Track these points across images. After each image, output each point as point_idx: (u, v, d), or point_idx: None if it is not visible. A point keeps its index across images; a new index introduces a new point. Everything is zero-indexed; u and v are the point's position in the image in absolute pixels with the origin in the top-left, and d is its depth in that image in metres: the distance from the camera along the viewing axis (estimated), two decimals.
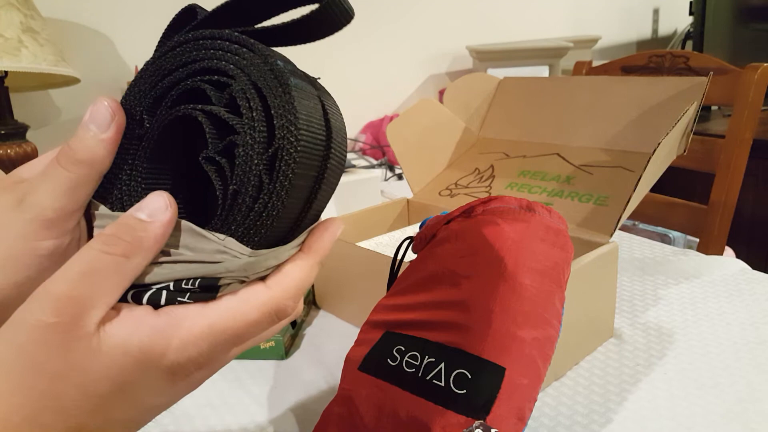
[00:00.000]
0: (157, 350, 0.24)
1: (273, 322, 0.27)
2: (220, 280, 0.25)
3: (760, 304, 0.64)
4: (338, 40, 1.58)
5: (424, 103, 0.83)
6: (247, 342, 0.27)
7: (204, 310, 0.25)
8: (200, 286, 0.25)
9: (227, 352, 0.27)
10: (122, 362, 0.24)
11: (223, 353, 0.26)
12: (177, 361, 0.25)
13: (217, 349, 0.26)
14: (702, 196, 1.12)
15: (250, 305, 0.26)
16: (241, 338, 0.26)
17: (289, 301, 0.27)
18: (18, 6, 0.99)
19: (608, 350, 0.58)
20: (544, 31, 1.99)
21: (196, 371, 0.26)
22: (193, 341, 0.25)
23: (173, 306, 0.25)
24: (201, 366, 0.26)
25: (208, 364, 0.26)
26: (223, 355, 0.26)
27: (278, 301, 0.26)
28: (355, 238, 0.73)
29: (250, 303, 0.26)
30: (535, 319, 0.42)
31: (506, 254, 0.44)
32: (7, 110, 1.07)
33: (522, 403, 0.39)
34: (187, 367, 0.25)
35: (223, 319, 0.25)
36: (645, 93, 0.72)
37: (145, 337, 0.24)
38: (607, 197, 0.66)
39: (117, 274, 0.24)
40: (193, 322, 0.25)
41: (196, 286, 0.25)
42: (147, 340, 0.24)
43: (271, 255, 0.26)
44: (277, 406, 0.52)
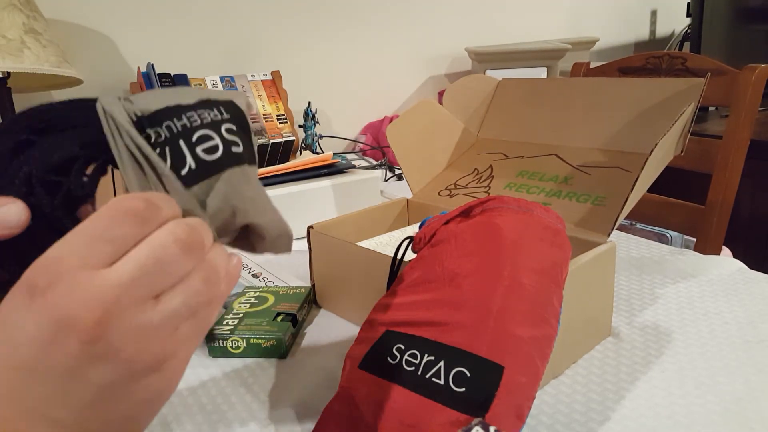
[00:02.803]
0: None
1: (134, 223, 0.26)
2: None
3: (758, 303, 0.65)
4: (339, 42, 1.58)
5: (423, 104, 0.84)
6: (156, 279, 0.26)
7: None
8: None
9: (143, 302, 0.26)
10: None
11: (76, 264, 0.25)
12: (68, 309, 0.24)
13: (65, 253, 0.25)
14: (699, 197, 1.13)
15: (96, 214, 0.27)
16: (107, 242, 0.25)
17: (134, 199, 0.27)
18: (20, 7, 0.99)
19: (606, 349, 0.58)
20: (543, 33, 2.00)
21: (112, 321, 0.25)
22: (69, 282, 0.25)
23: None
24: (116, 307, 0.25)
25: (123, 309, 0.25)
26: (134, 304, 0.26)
27: (117, 200, 0.27)
28: (355, 238, 0.73)
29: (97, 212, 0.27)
30: (534, 318, 0.42)
31: (505, 254, 0.44)
32: (10, 111, 1.07)
33: (520, 401, 0.39)
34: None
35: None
36: (643, 94, 0.73)
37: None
38: (605, 197, 0.67)
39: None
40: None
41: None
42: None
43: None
44: (278, 404, 0.52)
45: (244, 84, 1.31)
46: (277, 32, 1.49)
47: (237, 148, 0.33)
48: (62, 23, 1.23)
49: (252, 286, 0.71)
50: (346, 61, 1.61)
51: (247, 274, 0.80)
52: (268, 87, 1.34)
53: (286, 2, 1.49)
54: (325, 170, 0.99)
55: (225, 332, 0.60)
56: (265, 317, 0.62)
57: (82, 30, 1.25)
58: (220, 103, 0.34)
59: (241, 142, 0.34)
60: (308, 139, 1.40)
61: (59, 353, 0.24)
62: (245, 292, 0.69)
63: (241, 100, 0.36)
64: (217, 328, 0.61)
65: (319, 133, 1.42)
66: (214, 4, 1.39)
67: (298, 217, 0.91)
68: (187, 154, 0.32)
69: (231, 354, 0.60)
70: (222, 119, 0.33)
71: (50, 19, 1.18)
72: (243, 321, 0.62)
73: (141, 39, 1.32)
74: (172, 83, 1.23)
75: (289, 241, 0.36)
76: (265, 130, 1.28)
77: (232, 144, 0.33)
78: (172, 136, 0.32)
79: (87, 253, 0.25)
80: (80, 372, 0.25)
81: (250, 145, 0.35)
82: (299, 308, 0.65)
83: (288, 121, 1.32)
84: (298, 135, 1.34)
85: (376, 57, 1.66)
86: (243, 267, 0.82)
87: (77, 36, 1.25)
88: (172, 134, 0.32)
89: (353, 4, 1.59)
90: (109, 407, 0.26)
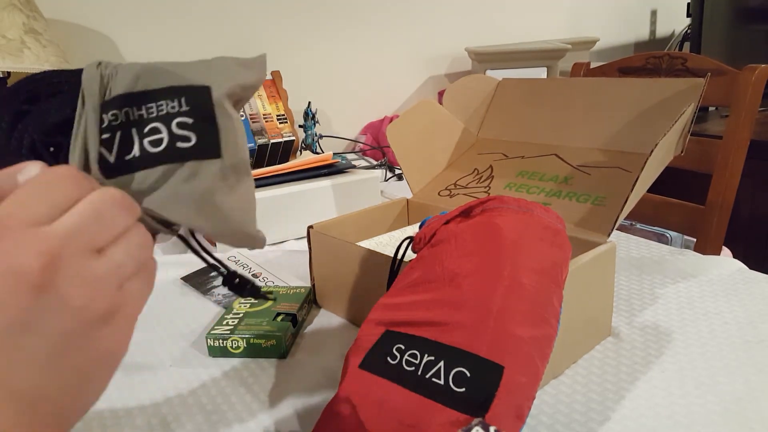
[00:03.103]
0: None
1: (72, 184, 0.28)
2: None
3: (758, 303, 0.65)
4: (339, 42, 1.58)
5: (423, 104, 0.84)
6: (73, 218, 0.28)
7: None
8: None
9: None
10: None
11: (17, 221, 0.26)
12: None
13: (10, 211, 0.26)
14: (699, 197, 1.13)
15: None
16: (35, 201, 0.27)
17: (71, 167, 0.29)
18: (20, 7, 0.99)
19: (606, 349, 0.58)
20: (543, 33, 2.00)
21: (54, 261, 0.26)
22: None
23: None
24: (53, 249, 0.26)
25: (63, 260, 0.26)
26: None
27: (57, 167, 0.28)
28: (355, 237, 0.73)
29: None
30: (534, 318, 0.42)
31: (505, 254, 0.44)
32: None
33: (520, 401, 0.39)
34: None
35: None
36: (643, 94, 0.73)
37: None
38: (605, 197, 0.67)
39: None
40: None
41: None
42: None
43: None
44: (279, 404, 0.52)
45: None
46: (277, 32, 1.49)
47: (184, 143, 0.33)
48: (62, 23, 1.23)
49: None
50: (346, 61, 1.61)
51: (247, 274, 0.80)
52: (268, 87, 1.34)
53: (286, 2, 1.49)
54: (325, 170, 0.99)
55: (225, 332, 0.60)
56: (265, 317, 0.62)
57: (82, 30, 1.25)
58: (186, 91, 0.33)
59: (196, 135, 0.33)
60: (308, 139, 1.40)
61: (9, 307, 0.25)
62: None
63: (242, 75, 0.35)
64: (217, 328, 0.61)
65: (319, 133, 1.42)
66: (214, 4, 1.39)
67: (298, 217, 0.91)
68: (136, 142, 0.32)
69: (231, 354, 0.60)
70: (178, 112, 0.33)
71: (50, 19, 1.18)
72: (243, 321, 0.62)
73: (141, 39, 1.32)
74: None
75: (246, 239, 0.35)
76: (265, 130, 1.28)
77: (179, 139, 0.33)
78: (128, 122, 0.32)
79: (29, 212, 0.27)
80: (32, 324, 0.25)
81: (211, 137, 0.33)
82: (299, 308, 0.65)
83: (288, 121, 1.32)
84: (298, 135, 1.34)
85: (376, 57, 1.66)
86: (243, 267, 0.82)
87: (77, 36, 1.25)
88: (128, 121, 0.32)
89: (353, 4, 1.59)
90: (64, 364, 0.26)
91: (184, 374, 0.58)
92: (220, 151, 0.33)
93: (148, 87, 0.33)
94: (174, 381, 0.57)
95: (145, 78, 0.33)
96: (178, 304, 0.73)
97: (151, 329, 0.67)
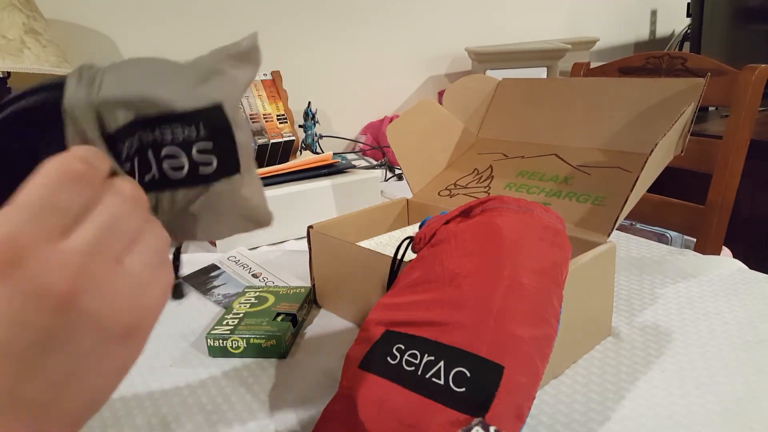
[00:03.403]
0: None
1: (79, 187, 0.26)
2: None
3: (758, 303, 0.65)
4: (339, 42, 1.58)
5: (423, 104, 0.84)
6: (88, 226, 0.26)
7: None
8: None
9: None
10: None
11: (34, 238, 0.25)
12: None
13: (20, 230, 0.25)
14: (699, 197, 1.13)
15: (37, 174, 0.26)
16: (56, 208, 0.25)
17: (68, 160, 0.27)
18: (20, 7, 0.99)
19: (606, 349, 0.58)
20: (543, 33, 2.00)
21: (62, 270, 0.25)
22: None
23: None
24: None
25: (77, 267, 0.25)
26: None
27: (56, 164, 0.26)
28: (355, 237, 0.73)
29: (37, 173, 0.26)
30: (534, 318, 0.42)
31: (505, 254, 0.44)
32: None
33: (520, 401, 0.39)
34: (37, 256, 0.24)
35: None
36: (643, 94, 0.73)
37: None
38: (605, 197, 0.67)
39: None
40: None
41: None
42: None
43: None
44: (278, 404, 0.52)
45: None
46: (277, 32, 1.49)
47: (207, 168, 0.32)
48: (62, 23, 1.23)
49: (252, 286, 0.71)
50: (346, 61, 1.61)
51: (247, 274, 0.80)
52: (268, 87, 1.34)
53: (286, 2, 1.49)
54: (325, 170, 0.99)
55: (225, 332, 0.60)
56: (265, 317, 0.62)
57: (82, 30, 1.25)
58: (202, 115, 0.32)
59: (217, 159, 0.32)
60: (308, 139, 1.40)
61: (33, 327, 0.24)
62: (245, 292, 0.69)
63: (243, 74, 0.34)
64: (217, 328, 0.61)
65: (319, 133, 1.42)
66: (214, 4, 1.39)
67: (298, 217, 0.91)
68: (153, 163, 0.32)
69: (231, 354, 0.60)
70: (196, 138, 0.32)
71: (50, 19, 1.18)
72: (243, 321, 0.62)
73: (141, 39, 1.32)
74: None
75: (265, 218, 0.36)
76: (265, 130, 1.28)
77: (200, 165, 0.32)
78: (142, 146, 0.31)
79: (43, 225, 0.25)
80: (55, 343, 0.25)
81: (233, 158, 0.33)
82: (299, 308, 0.65)
83: (288, 121, 1.32)
84: (298, 135, 1.34)
85: (376, 57, 1.66)
86: (243, 267, 0.82)
87: (77, 36, 1.25)
88: (142, 145, 0.31)
89: (353, 4, 1.59)
90: (82, 381, 0.26)
91: (184, 374, 0.58)
92: (240, 167, 0.33)
93: (159, 110, 0.31)
94: (174, 381, 0.57)
95: (149, 93, 0.31)
96: (178, 304, 0.73)
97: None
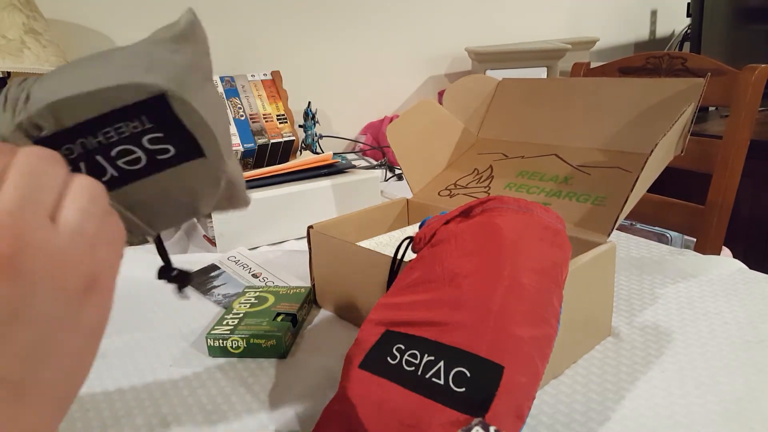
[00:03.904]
0: None
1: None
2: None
3: (758, 303, 0.65)
4: (339, 42, 1.58)
5: (423, 104, 0.84)
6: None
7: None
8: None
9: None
10: None
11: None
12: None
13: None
14: (699, 197, 1.13)
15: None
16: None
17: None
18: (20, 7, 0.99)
19: (606, 349, 0.58)
20: (543, 33, 2.00)
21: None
22: None
23: None
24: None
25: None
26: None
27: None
28: (355, 237, 0.73)
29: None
30: (534, 318, 0.42)
31: (505, 254, 0.44)
32: None
33: (520, 401, 0.39)
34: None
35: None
36: (643, 94, 0.73)
37: None
38: (605, 197, 0.67)
39: None
40: None
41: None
42: None
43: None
44: (278, 404, 0.52)
45: (244, 84, 1.31)
46: (277, 32, 1.49)
47: (164, 154, 0.32)
48: (62, 23, 1.23)
49: (252, 286, 0.71)
50: (346, 61, 1.61)
51: (247, 274, 0.80)
52: (268, 87, 1.34)
53: (286, 2, 1.49)
54: (325, 170, 0.99)
55: (225, 332, 0.60)
56: (265, 317, 0.62)
57: (82, 30, 1.25)
58: (142, 108, 0.30)
59: (173, 146, 0.32)
60: (308, 139, 1.40)
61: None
62: (245, 292, 0.69)
63: (181, 52, 0.32)
64: (217, 328, 0.61)
65: (319, 133, 1.42)
66: (214, 4, 1.39)
67: (298, 217, 0.91)
68: (107, 165, 0.31)
69: (231, 354, 0.60)
70: (143, 129, 0.31)
71: (50, 19, 1.18)
72: (243, 321, 0.62)
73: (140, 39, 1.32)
74: None
75: (242, 194, 0.36)
76: (265, 130, 1.28)
77: (157, 152, 0.32)
78: (87, 152, 0.30)
79: None
80: (17, 313, 0.24)
81: (189, 143, 0.32)
82: (299, 308, 0.65)
83: (288, 121, 1.32)
84: (298, 135, 1.34)
85: (376, 57, 1.67)
86: (243, 267, 0.82)
87: (77, 36, 1.25)
88: (87, 150, 0.30)
89: (353, 4, 1.59)
90: (53, 349, 0.25)
91: (184, 374, 0.58)
92: (202, 151, 0.33)
93: (94, 112, 0.30)
94: (174, 381, 0.57)
95: (82, 102, 0.30)
96: (178, 304, 0.73)
97: (151, 329, 0.67)
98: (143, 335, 0.65)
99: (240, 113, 1.27)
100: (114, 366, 0.60)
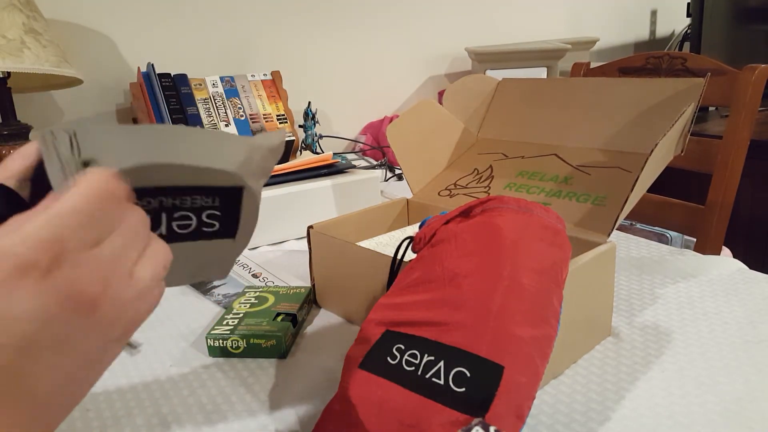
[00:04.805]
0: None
1: (116, 205, 0.28)
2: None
3: (758, 303, 0.65)
4: (339, 42, 1.58)
5: (423, 105, 0.84)
6: (102, 238, 0.28)
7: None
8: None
9: (83, 246, 0.27)
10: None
11: (75, 244, 0.26)
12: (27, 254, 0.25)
13: (65, 235, 0.26)
14: (699, 197, 1.13)
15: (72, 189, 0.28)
16: (82, 226, 0.27)
17: (107, 177, 0.28)
18: (20, 7, 0.99)
19: (606, 349, 0.58)
20: (543, 33, 2.00)
21: (62, 267, 0.26)
22: (34, 231, 0.26)
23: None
24: (58, 259, 0.26)
25: (68, 259, 0.26)
26: (78, 248, 0.27)
27: (97, 178, 0.28)
28: (355, 237, 0.73)
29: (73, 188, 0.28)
30: (534, 318, 0.42)
31: (505, 254, 0.44)
32: (10, 111, 1.07)
33: (520, 401, 0.39)
34: (43, 259, 0.25)
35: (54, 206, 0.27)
36: (643, 94, 0.73)
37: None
38: (605, 197, 0.67)
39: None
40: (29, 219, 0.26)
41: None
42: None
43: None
44: (278, 404, 0.52)
45: (244, 84, 1.31)
46: (277, 32, 1.49)
47: (209, 228, 0.36)
48: (62, 23, 1.23)
49: (252, 286, 0.71)
50: (346, 61, 1.61)
51: (247, 274, 0.80)
52: (268, 87, 1.34)
53: (286, 2, 1.49)
54: (325, 170, 0.99)
55: (225, 332, 0.60)
56: (265, 317, 0.62)
57: (82, 30, 1.25)
58: (221, 192, 0.35)
59: (220, 224, 0.36)
60: (308, 139, 1.40)
61: (57, 326, 0.26)
62: (245, 292, 0.69)
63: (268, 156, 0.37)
64: (217, 328, 0.61)
65: (319, 133, 1.42)
66: (214, 4, 1.39)
67: (298, 217, 0.91)
68: (164, 222, 0.34)
69: (231, 354, 0.60)
70: (209, 206, 0.35)
71: (50, 19, 1.18)
72: (243, 321, 0.62)
73: (141, 39, 1.32)
74: (171, 83, 1.23)
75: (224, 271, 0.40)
76: (265, 130, 1.28)
77: (205, 225, 0.36)
78: (160, 208, 0.34)
79: (85, 234, 0.27)
80: (69, 343, 0.26)
81: (233, 226, 0.37)
82: (299, 308, 0.65)
83: (288, 121, 1.32)
84: (298, 135, 1.34)
85: (376, 57, 1.67)
86: (243, 267, 0.82)
87: (77, 36, 1.25)
88: (162, 208, 0.34)
89: (353, 5, 1.59)
90: (80, 377, 0.28)
91: (184, 374, 0.58)
92: (235, 235, 0.37)
93: (184, 182, 0.34)
94: (174, 381, 0.57)
95: (183, 168, 0.33)
96: (178, 304, 0.73)
97: (151, 329, 0.67)
98: (143, 335, 0.65)
99: (240, 113, 1.27)
100: (114, 366, 0.60)
